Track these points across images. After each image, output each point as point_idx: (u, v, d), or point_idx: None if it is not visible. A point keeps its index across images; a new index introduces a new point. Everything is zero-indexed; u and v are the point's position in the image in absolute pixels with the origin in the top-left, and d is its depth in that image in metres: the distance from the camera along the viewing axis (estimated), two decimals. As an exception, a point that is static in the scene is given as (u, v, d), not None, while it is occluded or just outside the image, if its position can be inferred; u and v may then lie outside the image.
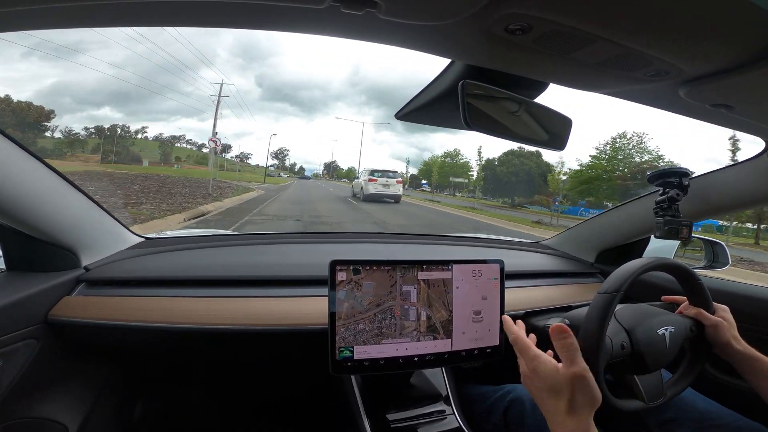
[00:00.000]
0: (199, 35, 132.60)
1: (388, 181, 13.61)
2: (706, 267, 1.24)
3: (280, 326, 0.76)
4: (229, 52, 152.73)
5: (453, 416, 0.83)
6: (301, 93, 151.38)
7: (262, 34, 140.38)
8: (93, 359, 0.85)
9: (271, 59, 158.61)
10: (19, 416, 0.70)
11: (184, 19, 0.43)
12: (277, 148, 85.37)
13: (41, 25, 0.41)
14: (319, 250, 1.09)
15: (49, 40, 75.16)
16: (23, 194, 0.64)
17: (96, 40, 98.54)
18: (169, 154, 51.58)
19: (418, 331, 0.75)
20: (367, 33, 0.44)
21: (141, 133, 68.76)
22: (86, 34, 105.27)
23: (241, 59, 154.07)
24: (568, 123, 0.64)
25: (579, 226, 1.33)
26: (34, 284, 0.69)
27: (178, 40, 55.04)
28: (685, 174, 0.89)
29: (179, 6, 0.40)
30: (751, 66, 0.44)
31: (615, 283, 0.66)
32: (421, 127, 17.81)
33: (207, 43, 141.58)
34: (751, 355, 0.68)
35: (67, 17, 0.40)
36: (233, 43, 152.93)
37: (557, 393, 0.53)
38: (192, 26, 0.45)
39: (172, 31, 59.09)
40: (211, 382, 1.11)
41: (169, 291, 0.80)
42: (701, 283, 0.75)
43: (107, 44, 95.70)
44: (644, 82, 0.51)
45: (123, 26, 0.45)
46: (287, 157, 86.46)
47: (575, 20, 0.38)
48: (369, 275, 0.72)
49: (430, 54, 0.49)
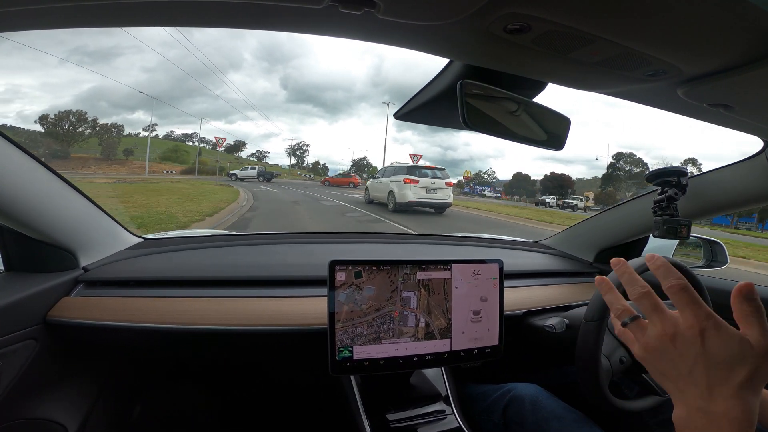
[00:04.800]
0: (225, 39, 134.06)
1: (435, 182, 8.99)
2: (705, 266, 1.25)
3: (279, 326, 0.76)
4: (253, 56, 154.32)
5: (453, 416, 0.83)
6: (325, 94, 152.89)
7: (284, 37, 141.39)
8: (92, 360, 0.85)
9: (295, 61, 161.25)
10: (19, 417, 0.70)
11: (182, 19, 0.43)
12: (295, 143, 78.20)
13: (41, 25, 0.41)
14: (318, 250, 1.09)
15: (84, 44, 76.29)
16: (22, 195, 0.64)
17: (130, 44, 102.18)
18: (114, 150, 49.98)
19: (415, 337, 0.75)
20: (365, 33, 0.44)
21: (150, 131, 68.91)
22: (122, 38, 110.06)
23: (266, 62, 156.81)
24: (566, 123, 0.64)
25: (578, 225, 1.33)
26: (33, 285, 0.69)
27: (193, 49, 55.71)
28: (684, 173, 0.89)
29: (178, 6, 0.39)
30: (749, 66, 0.44)
31: (597, 309, 0.66)
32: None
33: (234, 47, 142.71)
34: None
35: (67, 17, 0.40)
36: (257, 47, 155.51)
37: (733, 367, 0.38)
38: (191, 26, 0.45)
39: (200, 36, 60.08)
40: (211, 382, 1.11)
41: (168, 291, 0.80)
42: (696, 278, 0.75)
43: (141, 49, 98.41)
44: (643, 81, 0.51)
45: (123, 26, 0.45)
46: (306, 153, 78.76)
47: (574, 20, 0.38)
48: (370, 279, 0.72)
49: (429, 54, 0.49)
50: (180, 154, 52.13)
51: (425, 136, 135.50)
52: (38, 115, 49.20)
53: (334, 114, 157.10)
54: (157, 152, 54.15)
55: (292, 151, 75.22)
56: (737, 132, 0.70)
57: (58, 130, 44.73)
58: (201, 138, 75.07)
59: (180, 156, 51.71)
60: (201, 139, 75.46)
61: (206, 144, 78.40)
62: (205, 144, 78.01)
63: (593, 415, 0.78)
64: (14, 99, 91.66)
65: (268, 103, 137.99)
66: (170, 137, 67.70)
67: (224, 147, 66.69)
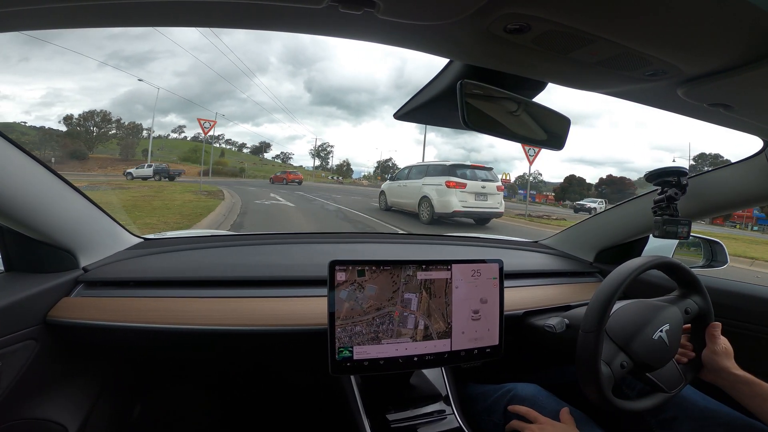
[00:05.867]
0: (251, 43, 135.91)
1: (486, 185, 6.98)
2: (705, 266, 1.25)
3: (279, 327, 0.76)
4: (279, 59, 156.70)
5: (453, 416, 0.83)
6: (348, 97, 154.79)
7: (307, 41, 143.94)
8: (92, 360, 0.85)
9: (318, 64, 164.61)
10: (19, 417, 0.70)
11: (183, 19, 0.43)
12: (319, 145, 75.85)
13: (41, 25, 0.41)
14: (318, 250, 1.09)
15: (121, 49, 77.69)
16: (22, 196, 0.64)
17: (164, 49, 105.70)
18: (132, 150, 50.20)
19: (413, 339, 0.75)
20: (365, 33, 0.45)
21: (179, 133, 69.18)
22: (156, 43, 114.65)
23: (290, 66, 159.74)
24: (566, 122, 0.64)
25: (578, 225, 1.33)
26: (33, 285, 0.69)
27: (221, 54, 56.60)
28: (684, 173, 0.89)
29: (178, 6, 0.40)
30: (749, 66, 0.44)
31: (594, 319, 0.66)
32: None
33: (260, 51, 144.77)
34: (749, 380, 0.68)
35: (68, 17, 0.40)
36: (282, 50, 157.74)
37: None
38: (191, 26, 0.45)
39: (228, 40, 60.93)
40: (211, 382, 1.11)
41: (167, 292, 0.80)
42: (696, 278, 0.75)
43: (174, 53, 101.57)
44: (643, 81, 0.51)
45: (123, 26, 0.45)
46: (331, 155, 76.07)
47: (574, 20, 0.38)
48: (373, 278, 0.72)
49: (429, 54, 0.50)
50: (199, 155, 51.92)
51: (449, 137, 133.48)
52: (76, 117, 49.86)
53: (358, 116, 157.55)
54: (177, 153, 54.20)
55: (316, 153, 73.52)
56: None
57: (80, 131, 44.99)
58: (227, 140, 75.23)
59: (199, 156, 51.58)
60: (227, 141, 75.62)
61: (232, 146, 78.85)
62: (231, 146, 78.35)
63: (593, 415, 0.78)
64: (56, 102, 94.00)
65: (293, 105, 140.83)
66: (197, 139, 68.15)
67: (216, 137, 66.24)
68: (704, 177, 0.92)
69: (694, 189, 0.91)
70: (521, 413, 0.76)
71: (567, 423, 0.72)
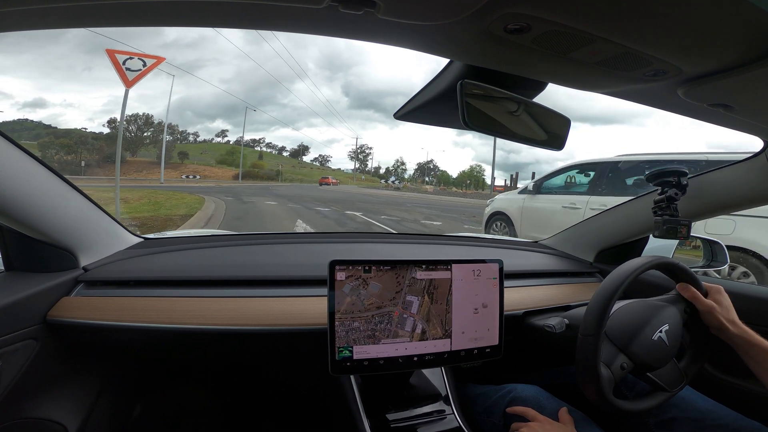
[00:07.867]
0: (291, 50, 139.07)
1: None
2: (705, 266, 1.25)
3: (279, 326, 0.76)
4: (316, 65, 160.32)
5: (453, 416, 0.83)
6: (385, 100, 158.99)
7: (342, 46, 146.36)
8: (92, 360, 0.85)
9: (355, 68, 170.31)
10: (19, 417, 0.70)
11: (183, 19, 0.43)
12: (358, 146, 76.28)
13: (42, 25, 0.41)
14: (318, 250, 1.09)
15: (173, 58, 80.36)
16: (22, 195, 0.64)
17: (210, 57, 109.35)
18: (170, 153, 50.60)
19: (410, 340, 0.75)
20: (365, 33, 0.45)
21: (222, 137, 69.72)
22: (203, 52, 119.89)
23: (327, 71, 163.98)
24: (566, 123, 0.64)
25: (578, 225, 1.33)
26: (33, 285, 0.69)
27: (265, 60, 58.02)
28: (684, 173, 0.89)
29: (179, 6, 0.40)
30: (749, 66, 0.44)
31: (593, 322, 0.66)
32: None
33: (299, 57, 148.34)
34: (748, 340, 0.68)
35: (68, 17, 0.40)
36: (319, 56, 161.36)
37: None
38: (192, 26, 0.45)
39: (268, 48, 61.94)
40: (211, 382, 1.11)
41: (168, 291, 0.80)
42: (696, 278, 0.75)
43: (220, 61, 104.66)
44: (643, 81, 0.51)
45: (123, 26, 0.45)
46: (369, 157, 76.24)
47: (574, 20, 0.38)
48: (378, 277, 0.72)
49: (429, 54, 0.50)
50: (236, 158, 51.97)
51: (487, 138, 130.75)
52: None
53: (395, 119, 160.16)
54: (214, 156, 54.34)
55: (354, 155, 73.20)
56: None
57: (125, 134, 45.60)
58: (268, 143, 75.74)
59: (236, 159, 51.69)
60: (267, 144, 76.10)
61: (272, 149, 79.62)
62: (271, 149, 79.00)
63: (593, 415, 0.78)
64: (116, 110, 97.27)
65: (331, 109, 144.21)
66: (239, 143, 68.61)
67: (257, 140, 65.18)
68: (704, 177, 0.92)
69: (694, 189, 0.91)
70: (519, 413, 0.77)
71: (566, 423, 0.72)
